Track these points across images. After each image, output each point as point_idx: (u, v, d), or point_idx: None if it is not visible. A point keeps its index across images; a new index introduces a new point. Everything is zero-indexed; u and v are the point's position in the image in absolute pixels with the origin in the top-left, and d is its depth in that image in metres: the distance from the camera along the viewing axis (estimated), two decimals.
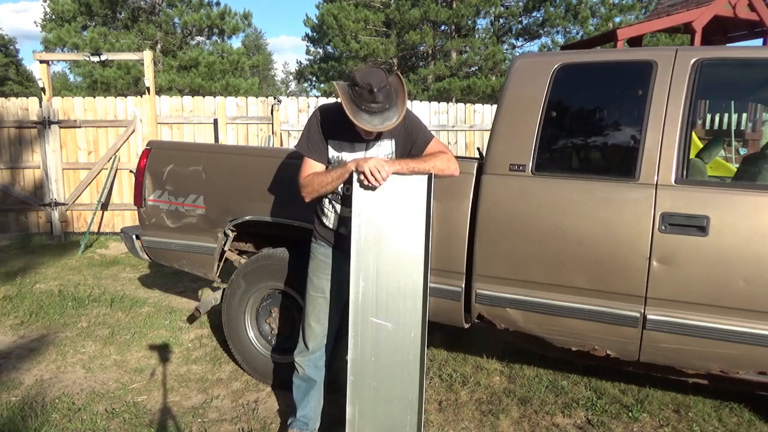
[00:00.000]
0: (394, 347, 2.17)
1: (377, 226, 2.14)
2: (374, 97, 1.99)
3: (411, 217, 2.15)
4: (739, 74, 3.09)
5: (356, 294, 2.14)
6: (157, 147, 3.45)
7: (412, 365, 2.17)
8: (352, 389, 2.17)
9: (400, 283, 2.16)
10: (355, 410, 2.19)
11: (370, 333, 2.16)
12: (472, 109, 8.73)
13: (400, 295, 2.16)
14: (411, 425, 2.19)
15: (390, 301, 2.16)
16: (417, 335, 2.16)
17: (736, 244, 2.23)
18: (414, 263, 2.15)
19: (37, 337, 3.84)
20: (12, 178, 7.17)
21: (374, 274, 2.15)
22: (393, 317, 2.16)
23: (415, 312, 2.16)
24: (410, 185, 2.15)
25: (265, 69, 40.04)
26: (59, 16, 17.10)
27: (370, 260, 2.15)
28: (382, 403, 2.20)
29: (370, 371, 2.18)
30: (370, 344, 2.17)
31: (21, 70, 31.44)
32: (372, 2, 19.70)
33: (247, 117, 7.50)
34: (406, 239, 2.15)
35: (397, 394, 2.19)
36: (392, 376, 2.18)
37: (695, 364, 2.41)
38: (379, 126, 2.04)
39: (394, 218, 2.15)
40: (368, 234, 2.14)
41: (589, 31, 19.31)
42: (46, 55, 7.55)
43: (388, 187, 2.12)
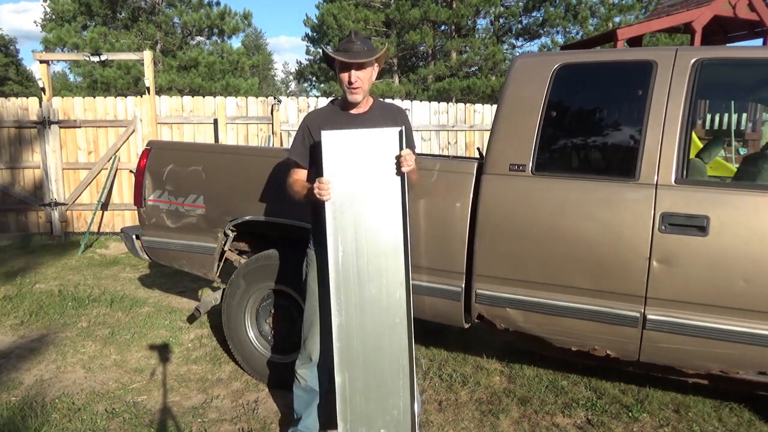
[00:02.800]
0: (379, 309, 2.10)
1: (352, 185, 2.08)
2: (351, 38, 2.21)
3: (386, 174, 2.08)
4: (739, 74, 3.09)
5: (336, 258, 2.07)
6: (157, 147, 3.45)
7: (399, 327, 2.09)
8: (339, 356, 2.10)
9: (380, 243, 2.09)
10: (345, 378, 2.12)
11: (354, 297, 2.09)
12: (472, 109, 8.73)
13: (381, 255, 2.09)
14: (404, 389, 2.12)
15: (371, 262, 2.09)
16: (402, 295, 2.09)
17: (736, 244, 2.24)
18: (393, 221, 2.08)
19: (37, 337, 3.84)
20: (12, 178, 7.17)
21: (353, 236, 2.08)
22: (375, 279, 2.09)
23: (398, 271, 2.09)
24: (381, 139, 2.09)
25: (265, 69, 40.04)
26: (59, 16, 17.11)
27: (347, 222, 2.08)
28: (372, 369, 2.12)
29: (357, 336, 2.10)
30: (355, 308, 2.09)
31: (21, 70, 31.44)
32: (372, 2, 19.70)
33: (247, 117, 7.50)
34: (383, 197, 2.08)
35: (386, 359, 2.11)
36: (380, 340, 2.10)
37: (695, 364, 2.41)
38: (353, 57, 2.16)
39: (368, 175, 2.09)
40: (343, 194, 2.07)
41: (588, 31, 19.32)
42: (46, 55, 7.55)
43: (359, 143, 2.07)
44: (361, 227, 2.09)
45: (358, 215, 2.09)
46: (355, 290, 2.10)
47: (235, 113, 7.49)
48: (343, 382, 2.12)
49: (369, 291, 2.10)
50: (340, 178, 2.08)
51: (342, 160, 2.08)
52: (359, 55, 2.17)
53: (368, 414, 2.15)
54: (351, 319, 2.10)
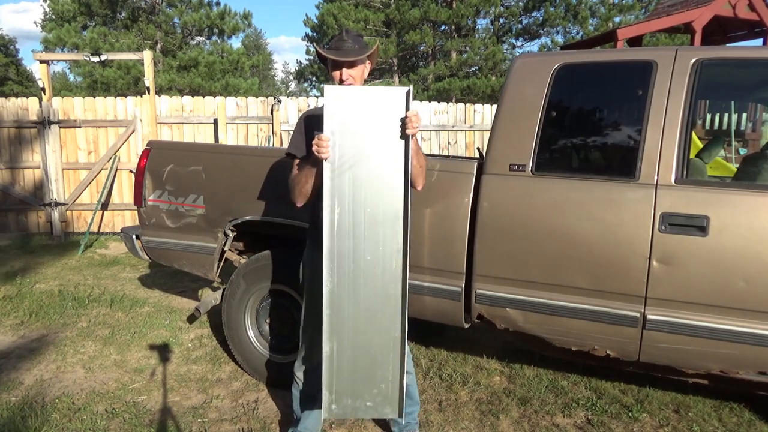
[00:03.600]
0: (373, 278, 1.99)
1: (353, 145, 1.97)
2: (342, 37, 2.21)
3: (390, 136, 1.97)
4: (739, 74, 3.09)
5: (331, 221, 1.96)
6: (157, 147, 3.45)
7: (393, 298, 2.00)
8: (328, 324, 2.00)
9: (379, 209, 1.97)
10: (333, 347, 2.01)
11: (347, 263, 1.99)
12: (472, 109, 8.73)
13: (378, 221, 1.98)
14: (393, 363, 2.03)
15: (368, 228, 1.98)
16: (398, 265, 1.99)
17: (736, 244, 2.23)
18: (393, 187, 1.97)
19: (37, 337, 3.84)
20: (12, 178, 7.17)
21: (350, 199, 1.97)
22: (372, 246, 1.99)
23: (395, 239, 1.98)
24: (387, 99, 1.97)
25: (265, 69, 40.03)
26: (59, 16, 17.11)
27: (345, 183, 1.97)
28: (362, 340, 2.02)
29: (348, 305, 2.00)
30: (347, 275, 1.99)
31: (21, 70, 31.44)
32: (372, 2, 19.71)
33: (247, 117, 7.50)
34: (385, 160, 1.97)
35: (378, 330, 2.01)
36: (372, 311, 2.01)
37: (695, 364, 2.41)
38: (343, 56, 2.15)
39: (370, 136, 1.98)
40: (343, 154, 1.96)
41: (588, 31, 19.32)
42: (46, 55, 7.55)
43: (363, 101, 1.96)
44: (360, 191, 1.98)
45: (358, 177, 1.98)
46: (349, 256, 1.99)
47: (235, 113, 7.49)
48: (331, 351, 2.02)
49: (364, 258, 1.99)
50: (340, 136, 1.96)
51: (344, 117, 1.96)
52: (350, 53, 2.16)
53: (355, 386, 2.05)
54: (343, 287, 1.99)
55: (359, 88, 2.08)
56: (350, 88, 2.08)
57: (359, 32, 2.28)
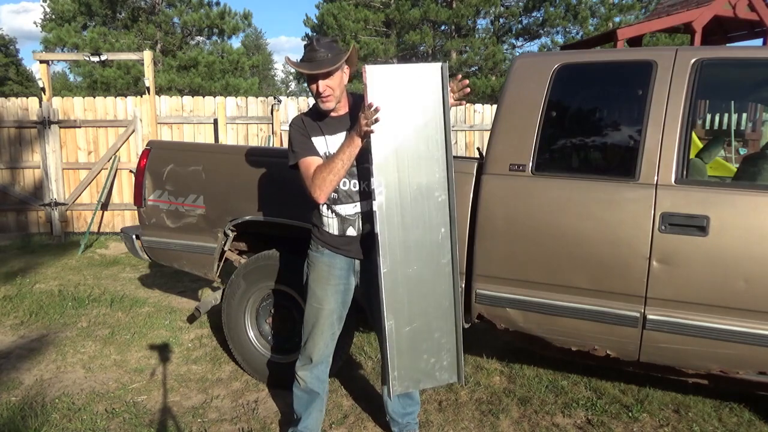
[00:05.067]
0: (423, 250, 2.06)
1: (396, 122, 2.01)
2: (314, 46, 2.12)
3: (429, 110, 2.02)
4: (739, 74, 3.09)
5: (380, 200, 2.01)
6: (157, 147, 3.45)
7: (444, 268, 2.07)
8: (386, 303, 2.04)
9: (423, 182, 2.04)
10: (392, 324, 2.07)
11: (398, 240, 2.04)
12: (472, 109, 8.73)
13: (422, 196, 2.04)
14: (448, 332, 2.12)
15: (414, 205, 2.04)
16: (446, 235, 2.07)
17: (736, 244, 2.24)
18: (436, 159, 2.04)
19: (37, 337, 3.84)
20: (12, 178, 7.17)
21: (396, 176, 2.02)
22: (418, 220, 2.05)
23: (441, 211, 2.05)
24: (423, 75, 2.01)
25: (265, 69, 40.02)
26: (59, 16, 17.11)
27: (390, 160, 2.01)
28: (418, 313, 2.08)
29: (402, 280, 2.05)
30: (399, 251, 2.04)
31: (21, 70, 31.45)
32: (372, 2, 19.70)
33: (247, 117, 7.50)
34: (427, 134, 2.03)
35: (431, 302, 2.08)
36: (425, 282, 2.07)
37: (695, 364, 2.41)
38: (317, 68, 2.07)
39: (412, 112, 2.02)
40: (386, 132, 2.00)
41: (588, 31, 19.31)
42: (46, 55, 7.55)
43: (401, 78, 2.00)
44: (404, 166, 2.02)
45: (402, 153, 2.02)
46: (399, 231, 2.04)
47: (235, 113, 7.49)
48: (390, 329, 2.07)
49: (414, 232, 2.06)
50: (384, 114, 1.98)
51: (386, 96, 1.99)
52: (323, 64, 2.07)
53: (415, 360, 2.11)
54: (396, 263, 2.05)
55: (397, 66, 2.06)
56: (389, 66, 2.04)
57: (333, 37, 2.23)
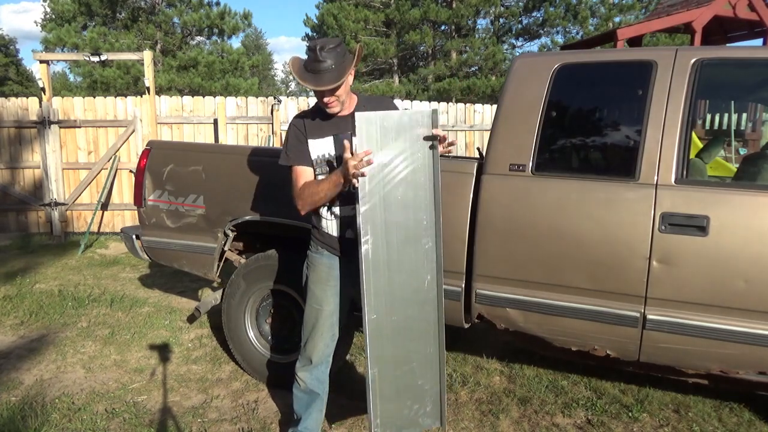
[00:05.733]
0: (409, 298, 2.05)
1: (384, 167, 2.01)
2: (317, 56, 2.04)
3: (419, 156, 2.01)
4: (739, 74, 3.09)
5: (366, 247, 2.01)
6: (157, 147, 3.45)
7: (429, 315, 2.06)
8: (371, 349, 2.04)
9: (411, 229, 2.03)
10: (376, 372, 2.07)
11: (383, 284, 2.04)
12: (472, 109, 8.73)
13: (410, 241, 2.04)
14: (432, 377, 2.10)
15: (401, 250, 2.03)
16: (432, 283, 2.06)
17: (736, 244, 2.23)
18: (424, 206, 2.03)
19: (37, 337, 3.84)
20: (12, 178, 7.17)
21: (383, 222, 2.02)
22: (405, 267, 2.04)
23: (428, 258, 2.04)
24: (414, 120, 2.00)
25: (265, 69, 40.02)
26: (59, 16, 17.11)
27: (377, 207, 2.01)
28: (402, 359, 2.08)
29: (387, 327, 2.05)
30: (384, 297, 2.04)
31: (21, 70, 31.45)
32: (372, 2, 19.70)
33: (247, 117, 7.49)
34: (415, 180, 2.02)
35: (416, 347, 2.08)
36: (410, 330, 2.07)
37: (695, 364, 2.41)
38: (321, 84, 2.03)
39: (401, 157, 2.01)
40: (374, 177, 2.00)
41: (588, 31, 19.33)
42: (46, 55, 7.55)
43: (392, 124, 2.00)
44: (392, 212, 2.02)
45: (389, 199, 2.02)
46: (385, 278, 2.04)
47: (235, 113, 7.49)
48: (374, 377, 2.08)
49: (399, 279, 2.04)
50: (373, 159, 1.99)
51: (373, 142, 1.99)
52: (328, 78, 2.04)
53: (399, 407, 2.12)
54: (381, 310, 2.05)
55: (387, 113, 2.04)
56: (379, 113, 2.03)
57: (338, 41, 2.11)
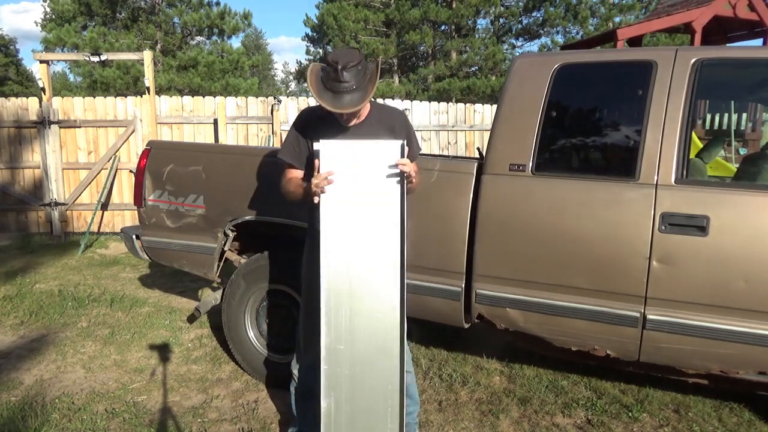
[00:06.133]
0: (370, 332, 2.01)
1: (348, 198, 1.98)
2: (339, 76, 1.93)
3: (385, 189, 1.97)
4: (739, 74, 3.09)
5: (327, 278, 1.99)
6: (157, 147, 3.45)
7: (390, 351, 2.01)
8: (326, 380, 2.02)
9: (375, 264, 1.99)
10: (331, 403, 2.03)
11: (344, 318, 2.01)
12: (472, 109, 8.73)
13: (374, 277, 1.99)
14: (392, 416, 2.03)
15: (364, 284, 2.00)
16: (395, 318, 2.01)
17: (736, 244, 2.24)
18: (389, 240, 1.98)
19: (37, 337, 3.84)
20: (12, 178, 7.17)
21: (347, 253, 1.98)
22: (368, 301, 2.01)
23: (391, 293, 2.00)
24: (382, 152, 1.95)
25: (265, 69, 40.04)
26: (59, 16, 17.11)
27: (342, 238, 1.99)
28: (360, 394, 2.04)
29: (345, 359, 2.02)
30: (345, 330, 2.01)
31: (21, 70, 31.44)
32: (372, 2, 19.70)
33: (247, 117, 7.49)
34: (381, 213, 1.98)
35: (375, 384, 2.03)
36: (370, 366, 2.03)
37: (695, 364, 2.41)
38: (340, 107, 1.96)
39: (366, 189, 1.98)
40: (339, 208, 1.98)
41: (588, 31, 19.33)
42: (46, 55, 7.55)
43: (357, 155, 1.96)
44: (356, 245, 2.00)
45: (354, 231, 2.00)
46: (347, 311, 2.02)
47: (235, 113, 7.49)
48: (329, 407, 2.04)
49: (360, 314, 2.02)
50: (336, 190, 1.97)
51: (339, 171, 1.96)
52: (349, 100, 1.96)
53: None
54: (340, 342, 2.02)
55: (353, 142, 2.00)
56: (345, 143, 1.99)
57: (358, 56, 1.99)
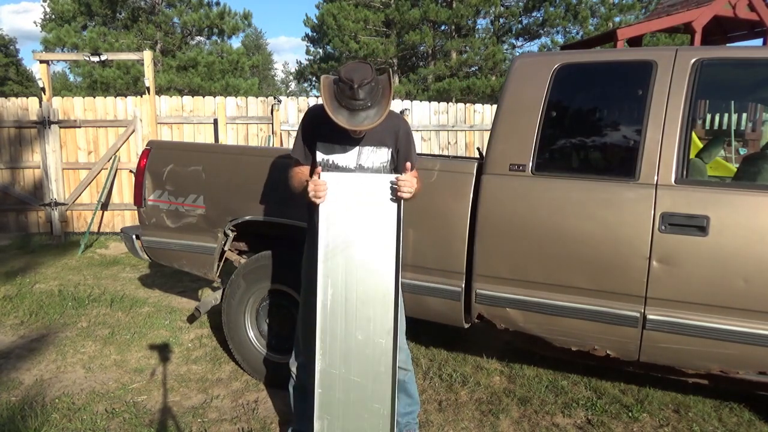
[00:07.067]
0: (364, 357, 2.07)
1: (345, 228, 2.06)
2: (354, 94, 1.92)
3: (381, 219, 2.06)
4: (739, 74, 3.09)
5: (324, 301, 2.06)
6: (157, 147, 3.45)
7: (383, 376, 2.07)
8: (319, 402, 2.08)
9: (370, 290, 2.07)
10: (324, 424, 2.09)
11: (339, 342, 2.08)
12: (472, 109, 8.73)
13: (370, 301, 2.07)
14: None
15: (360, 308, 2.07)
16: (388, 344, 2.07)
17: (736, 244, 2.24)
18: (385, 268, 2.06)
19: (37, 337, 3.84)
20: (12, 178, 7.17)
21: (343, 280, 2.05)
22: (363, 325, 2.07)
23: (386, 320, 2.07)
24: (378, 185, 2.05)
25: (265, 69, 40.04)
26: (59, 16, 17.10)
27: (338, 265, 2.06)
28: (352, 417, 2.10)
29: (339, 383, 2.08)
30: (339, 354, 2.08)
31: (21, 70, 31.45)
32: (372, 2, 19.70)
33: (247, 117, 7.50)
34: (377, 242, 2.06)
35: (368, 407, 2.09)
36: (363, 388, 2.09)
37: (695, 364, 2.41)
38: (357, 124, 1.97)
39: (363, 220, 2.06)
40: (336, 237, 2.06)
41: (588, 31, 19.32)
42: (46, 55, 7.55)
43: (354, 188, 2.05)
44: (352, 271, 2.06)
45: (350, 259, 2.06)
46: (342, 337, 2.07)
47: (235, 113, 7.49)
48: (322, 429, 2.09)
49: (356, 338, 2.07)
50: (333, 220, 2.05)
51: (337, 202, 2.05)
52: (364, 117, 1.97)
53: None
54: (335, 366, 2.08)
55: (353, 175, 2.08)
56: (344, 175, 2.07)
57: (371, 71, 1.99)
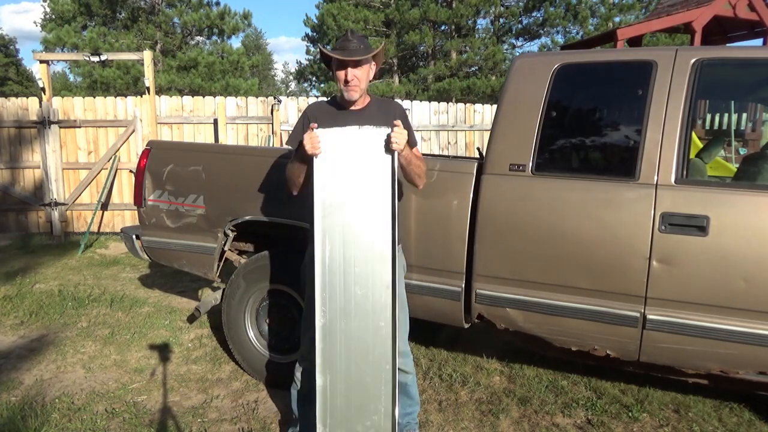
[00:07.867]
0: (363, 311, 2.07)
1: (341, 185, 2.06)
2: (347, 37, 2.24)
3: (376, 175, 2.05)
4: (739, 74, 3.09)
5: (322, 257, 2.05)
6: (157, 147, 3.45)
7: (384, 330, 2.06)
8: (321, 358, 2.07)
9: (368, 246, 2.06)
10: (326, 380, 2.08)
11: (339, 298, 2.07)
12: (472, 109, 8.73)
13: (368, 258, 2.06)
14: (385, 395, 2.08)
15: (358, 265, 2.06)
16: (387, 299, 2.06)
17: (736, 244, 2.24)
18: (381, 224, 2.05)
19: (37, 337, 3.84)
20: (12, 178, 7.17)
21: (340, 236, 2.06)
22: (361, 281, 2.06)
23: (384, 275, 2.05)
24: (372, 139, 2.06)
25: (265, 69, 40.05)
26: (59, 16, 17.11)
27: (336, 222, 2.05)
28: (355, 373, 2.09)
29: (340, 339, 2.07)
30: (339, 310, 2.07)
31: (21, 70, 31.47)
32: (372, 2, 19.70)
33: (247, 117, 7.50)
34: (373, 198, 2.06)
35: (369, 363, 2.08)
36: (364, 344, 2.07)
37: (695, 364, 2.41)
38: (349, 55, 2.18)
39: (358, 176, 2.07)
40: (332, 194, 2.05)
41: (588, 31, 19.33)
42: (46, 55, 7.55)
43: (349, 142, 2.06)
44: (349, 229, 2.07)
45: (348, 215, 2.07)
46: (341, 292, 2.07)
47: (235, 113, 7.49)
48: (324, 384, 2.09)
49: (354, 294, 2.07)
50: (330, 177, 2.06)
51: (332, 159, 2.05)
52: (355, 53, 2.18)
53: (348, 417, 2.11)
54: (335, 321, 2.07)
55: (344, 129, 2.10)
56: (336, 130, 2.10)
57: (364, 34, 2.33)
